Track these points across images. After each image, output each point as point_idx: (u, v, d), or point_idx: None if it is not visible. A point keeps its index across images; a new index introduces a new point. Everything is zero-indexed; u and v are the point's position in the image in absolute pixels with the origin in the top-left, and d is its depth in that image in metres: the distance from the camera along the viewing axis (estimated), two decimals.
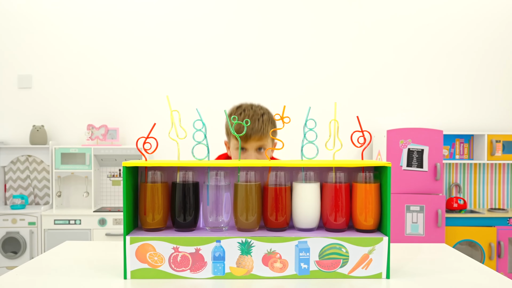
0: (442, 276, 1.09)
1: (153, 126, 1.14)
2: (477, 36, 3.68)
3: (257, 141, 1.49)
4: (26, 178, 3.62)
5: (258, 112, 1.53)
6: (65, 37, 3.66)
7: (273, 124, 1.55)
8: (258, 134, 1.47)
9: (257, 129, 1.48)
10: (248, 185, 1.13)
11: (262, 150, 1.51)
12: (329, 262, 1.07)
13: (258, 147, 1.50)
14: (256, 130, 1.48)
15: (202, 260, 1.06)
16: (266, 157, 1.48)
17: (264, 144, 1.51)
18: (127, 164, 1.08)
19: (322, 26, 3.68)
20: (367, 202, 1.12)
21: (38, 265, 1.19)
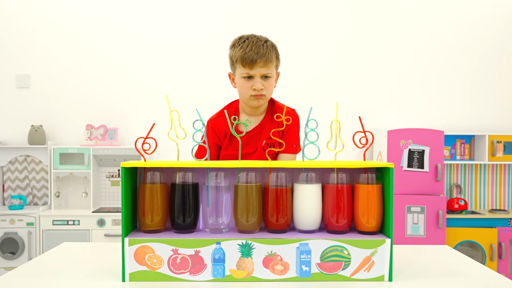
0: (445, 279, 1.08)
1: (152, 126, 1.13)
2: (479, 35, 3.67)
3: (262, 67, 1.45)
4: (24, 178, 3.60)
5: (261, 38, 1.50)
6: (63, 37, 3.65)
7: (277, 51, 1.53)
8: (263, 58, 1.44)
9: (262, 53, 1.44)
10: (248, 186, 1.11)
11: (268, 78, 1.48)
12: (330, 264, 1.06)
13: (264, 75, 1.47)
14: (261, 55, 1.44)
15: (202, 263, 1.05)
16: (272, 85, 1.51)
17: (269, 73, 1.47)
18: (126, 165, 1.06)
19: (323, 26, 3.67)
20: (369, 204, 1.11)
21: (35, 267, 1.18)
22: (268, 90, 1.49)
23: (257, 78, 1.46)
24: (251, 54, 1.44)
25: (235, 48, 1.49)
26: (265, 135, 1.56)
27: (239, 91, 1.53)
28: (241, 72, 1.48)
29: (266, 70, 1.46)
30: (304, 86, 3.65)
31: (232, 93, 1.81)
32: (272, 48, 1.49)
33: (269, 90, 1.49)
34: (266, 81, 1.48)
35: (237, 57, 1.47)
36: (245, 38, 1.50)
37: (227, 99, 1.72)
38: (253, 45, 1.46)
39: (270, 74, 1.48)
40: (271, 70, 1.48)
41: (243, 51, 1.45)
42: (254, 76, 1.46)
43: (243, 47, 1.46)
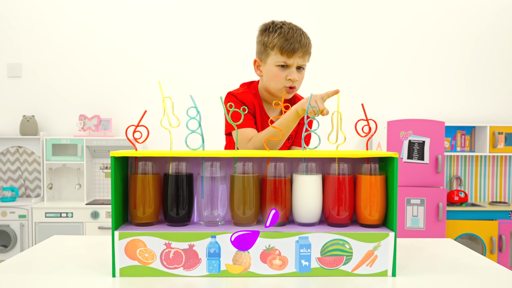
0: (450, 273, 1.04)
1: (143, 114, 1.07)
2: (480, 26, 3.63)
3: (301, 57, 1.39)
4: (16, 169, 3.54)
5: (298, 27, 1.42)
6: (56, 24, 3.57)
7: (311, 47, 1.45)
8: (304, 48, 1.38)
9: (304, 43, 1.37)
10: (245, 176, 1.06)
11: (302, 70, 1.42)
12: (331, 259, 1.01)
13: (300, 66, 1.41)
14: (303, 44, 1.37)
15: (196, 257, 1.00)
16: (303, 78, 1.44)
17: (304, 64, 1.42)
18: (116, 154, 1.01)
19: (323, 17, 3.61)
20: (372, 195, 1.06)
21: (21, 261, 1.13)
22: (300, 83, 1.44)
23: (293, 68, 1.39)
24: (293, 42, 1.36)
25: (272, 34, 1.39)
26: None
27: (269, 80, 1.44)
28: (276, 60, 1.39)
29: (303, 62, 1.40)
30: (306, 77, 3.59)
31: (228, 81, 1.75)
32: (310, 41, 1.43)
33: (300, 82, 1.44)
34: (299, 73, 1.42)
35: (275, 44, 1.38)
36: (281, 23, 1.42)
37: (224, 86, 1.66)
38: (294, 32, 1.38)
39: (304, 66, 1.43)
40: (306, 61, 1.42)
41: (284, 37, 1.37)
42: (290, 66, 1.39)
43: (283, 33, 1.37)
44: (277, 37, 1.37)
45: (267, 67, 1.44)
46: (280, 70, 1.40)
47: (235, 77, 3.33)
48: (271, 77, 1.42)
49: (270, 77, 1.43)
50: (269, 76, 1.43)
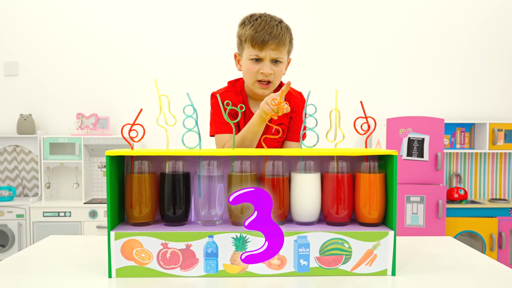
0: (451, 272, 1.03)
1: (139, 112, 1.05)
2: (479, 23, 3.61)
3: (274, 50, 1.32)
4: (14, 169, 3.52)
5: (275, 18, 1.36)
6: (53, 22, 3.54)
7: (291, 34, 1.39)
8: (275, 40, 1.31)
9: (275, 34, 1.31)
10: (243, 175, 1.05)
11: (278, 63, 1.36)
12: (330, 258, 1.00)
13: (274, 59, 1.34)
14: (274, 36, 1.30)
15: (194, 257, 0.99)
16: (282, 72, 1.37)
17: (280, 57, 1.34)
18: (111, 153, 0.99)
19: (322, 14, 3.59)
20: (371, 194, 1.05)
21: (18, 262, 1.12)
22: (277, 77, 1.36)
23: (266, 62, 1.33)
24: (262, 34, 1.31)
25: (245, 26, 1.36)
26: (274, 121, 1.45)
27: (244, 75, 1.40)
28: (249, 54, 1.35)
29: (277, 54, 1.33)
30: (303, 74, 3.58)
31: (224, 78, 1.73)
32: (286, 30, 1.35)
33: (277, 76, 1.36)
34: (276, 66, 1.35)
35: (246, 36, 1.34)
36: (257, 16, 1.36)
37: (221, 84, 1.64)
38: (266, 24, 1.32)
39: (281, 59, 1.35)
40: (282, 54, 1.35)
41: (254, 29, 1.32)
42: (263, 59, 1.34)
43: (255, 25, 1.33)
44: (249, 30, 1.34)
45: (243, 61, 1.40)
46: (253, 63, 1.35)
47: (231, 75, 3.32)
48: (245, 71, 1.39)
49: (244, 72, 1.40)
50: (244, 71, 1.40)
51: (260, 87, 1.36)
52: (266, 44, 1.31)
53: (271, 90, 1.39)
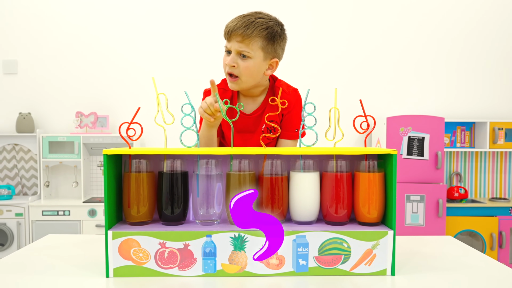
0: (450, 272, 1.03)
1: (137, 111, 1.04)
2: (480, 22, 3.60)
3: (239, 42, 1.27)
4: (13, 167, 3.51)
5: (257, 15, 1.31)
6: (52, 20, 3.53)
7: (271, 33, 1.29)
8: (239, 31, 1.25)
9: (240, 25, 1.26)
10: (241, 174, 1.04)
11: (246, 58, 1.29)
12: (329, 258, 1.00)
13: (241, 53, 1.29)
14: (239, 26, 1.26)
15: (192, 257, 0.98)
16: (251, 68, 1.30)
17: (246, 51, 1.28)
18: (109, 152, 0.98)
19: (322, 13, 3.58)
20: (371, 193, 1.04)
21: (15, 261, 1.11)
22: (243, 72, 1.30)
23: (233, 54, 1.30)
24: (230, 25, 1.29)
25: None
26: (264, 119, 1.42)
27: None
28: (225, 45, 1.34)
29: (243, 47, 1.27)
30: (302, 72, 3.57)
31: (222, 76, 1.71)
32: (259, 27, 1.27)
33: (244, 72, 1.30)
34: (242, 61, 1.30)
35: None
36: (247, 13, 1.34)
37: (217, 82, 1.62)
38: (242, 17, 1.30)
39: (248, 54, 1.28)
40: (249, 49, 1.28)
41: (230, 20, 1.32)
42: (231, 51, 1.31)
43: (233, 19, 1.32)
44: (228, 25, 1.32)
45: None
46: (225, 55, 1.33)
47: None
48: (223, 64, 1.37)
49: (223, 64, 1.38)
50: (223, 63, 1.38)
51: (230, 80, 1.34)
52: (231, 35, 1.28)
53: (241, 86, 1.35)
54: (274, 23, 1.32)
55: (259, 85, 1.39)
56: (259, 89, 1.42)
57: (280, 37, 1.33)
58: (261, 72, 1.33)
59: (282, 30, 1.35)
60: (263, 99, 1.43)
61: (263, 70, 1.34)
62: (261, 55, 1.30)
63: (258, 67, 1.31)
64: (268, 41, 1.29)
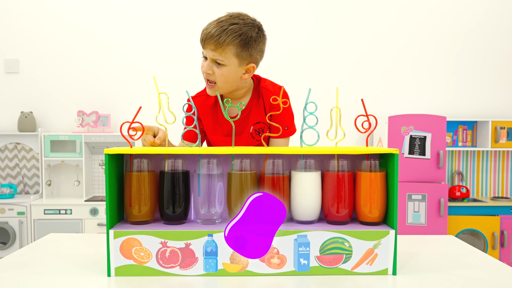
0: (452, 271, 1.02)
1: (138, 110, 1.04)
2: (482, 21, 3.58)
3: (213, 50, 1.25)
4: (14, 166, 3.52)
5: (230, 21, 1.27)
6: (53, 20, 3.53)
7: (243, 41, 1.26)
8: (212, 40, 1.24)
9: (212, 34, 1.24)
10: (243, 174, 1.04)
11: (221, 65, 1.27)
12: (330, 257, 0.99)
13: (215, 61, 1.27)
14: (211, 35, 1.24)
15: (193, 256, 0.98)
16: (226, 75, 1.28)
17: (220, 59, 1.26)
18: (110, 152, 0.98)
19: (323, 13, 3.57)
20: (372, 192, 1.04)
21: (17, 260, 1.11)
22: (219, 79, 1.29)
23: (208, 60, 1.29)
24: (204, 32, 1.27)
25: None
26: (252, 120, 1.40)
27: None
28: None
29: (216, 55, 1.25)
30: (303, 72, 3.56)
31: None
32: (231, 35, 1.24)
33: (220, 79, 1.29)
34: (217, 68, 1.28)
35: None
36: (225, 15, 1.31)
37: None
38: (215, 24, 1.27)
39: (221, 61, 1.26)
40: (223, 57, 1.25)
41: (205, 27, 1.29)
42: (207, 58, 1.30)
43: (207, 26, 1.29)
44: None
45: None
46: (203, 61, 1.32)
47: None
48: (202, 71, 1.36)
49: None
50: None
51: (207, 86, 1.34)
52: (205, 43, 1.27)
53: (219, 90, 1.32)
54: (249, 28, 1.28)
55: (239, 88, 1.37)
56: (241, 91, 1.39)
57: (255, 41, 1.29)
58: (237, 77, 1.31)
59: (258, 33, 1.30)
60: (248, 101, 1.41)
61: (239, 75, 1.31)
62: (236, 61, 1.27)
63: (233, 73, 1.29)
64: (242, 48, 1.26)
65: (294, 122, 1.45)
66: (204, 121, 1.44)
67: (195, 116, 1.03)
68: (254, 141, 1.42)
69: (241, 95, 1.41)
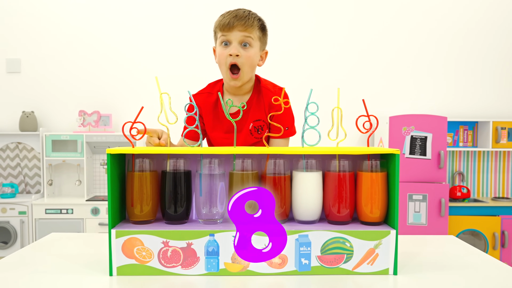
0: (452, 271, 1.03)
1: (140, 110, 1.05)
2: (483, 21, 3.58)
3: (241, 31, 1.32)
4: (16, 166, 3.52)
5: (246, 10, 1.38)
6: (55, 20, 3.54)
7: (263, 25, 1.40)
8: (242, 21, 1.31)
9: (240, 16, 1.32)
10: (244, 174, 1.04)
11: (248, 46, 1.35)
12: (331, 257, 1.00)
13: (243, 42, 1.34)
14: (239, 17, 1.32)
15: (195, 256, 0.99)
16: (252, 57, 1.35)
17: (249, 41, 1.34)
18: (112, 151, 0.99)
19: (323, 12, 3.57)
20: (373, 192, 1.04)
21: (19, 259, 1.12)
22: (245, 62, 1.33)
23: (235, 43, 1.33)
24: (229, 17, 1.33)
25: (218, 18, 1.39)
26: (251, 117, 1.42)
27: (218, 63, 1.40)
28: (220, 39, 1.36)
29: (246, 34, 1.33)
30: (305, 71, 3.57)
31: None
32: (255, 18, 1.36)
33: (246, 61, 1.34)
34: (244, 50, 1.33)
35: (216, 24, 1.37)
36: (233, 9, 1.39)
37: None
38: (233, 11, 1.35)
39: (250, 42, 1.34)
40: (251, 39, 1.34)
41: (222, 16, 1.36)
42: (231, 42, 1.34)
43: (224, 14, 1.36)
44: (218, 18, 1.37)
45: (216, 50, 1.40)
46: (223, 48, 1.35)
47: None
48: (218, 58, 1.38)
49: (218, 59, 1.39)
50: (217, 59, 1.39)
51: (231, 78, 1.35)
52: (233, 25, 1.32)
53: (243, 80, 1.36)
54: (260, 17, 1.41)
55: (251, 79, 1.42)
56: (249, 84, 1.43)
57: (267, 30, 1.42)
58: (256, 63, 1.39)
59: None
60: (248, 99, 1.44)
61: (257, 61, 1.39)
62: (258, 45, 1.37)
63: (256, 57, 1.37)
64: (261, 32, 1.38)
65: (294, 124, 1.48)
66: (205, 118, 1.46)
67: (196, 116, 1.04)
68: (253, 138, 1.44)
69: (247, 90, 1.43)
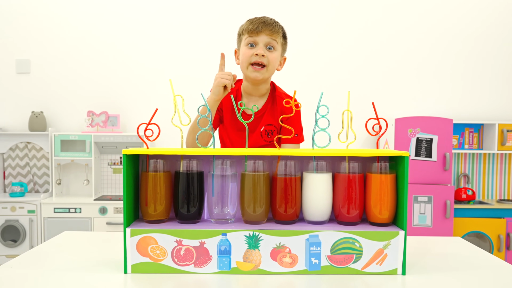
0: (459, 272, 1.04)
1: (155, 112, 1.07)
2: (489, 23, 3.58)
3: (268, 35, 1.44)
4: (25, 165, 3.56)
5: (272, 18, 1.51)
6: (64, 21, 3.57)
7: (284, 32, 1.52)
8: (269, 27, 1.43)
9: (268, 22, 1.45)
10: (256, 175, 1.06)
11: (272, 50, 1.46)
12: (341, 257, 1.01)
13: (268, 45, 1.45)
14: (267, 23, 1.44)
15: (207, 254, 1.01)
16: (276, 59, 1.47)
17: (274, 45, 1.45)
18: (128, 152, 1.01)
19: (333, 12, 3.59)
20: (382, 194, 1.06)
21: (34, 257, 1.14)
22: (271, 62, 1.45)
23: (261, 45, 1.44)
24: (257, 23, 1.44)
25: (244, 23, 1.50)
26: (264, 121, 1.52)
27: (240, 62, 1.50)
28: (245, 41, 1.46)
29: (272, 39, 1.44)
30: (311, 75, 3.58)
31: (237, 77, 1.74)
32: (279, 26, 1.48)
33: (271, 62, 1.45)
34: (270, 53, 1.45)
35: (243, 28, 1.48)
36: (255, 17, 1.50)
37: None
38: (261, 18, 1.47)
39: (274, 45, 1.45)
40: (276, 43, 1.45)
41: (250, 21, 1.47)
42: (258, 44, 1.45)
43: (251, 20, 1.47)
44: (246, 23, 1.48)
45: (240, 51, 1.50)
46: (248, 49, 1.46)
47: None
48: (241, 57, 1.48)
49: (241, 59, 1.49)
50: (240, 60, 1.49)
51: (253, 70, 1.45)
52: (261, 30, 1.43)
53: (264, 75, 1.46)
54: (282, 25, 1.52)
55: (268, 81, 1.52)
56: (266, 86, 1.53)
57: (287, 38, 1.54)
58: (277, 65, 1.50)
59: None
60: (264, 102, 1.53)
61: (278, 65, 1.50)
62: (280, 50, 1.49)
63: (278, 60, 1.49)
64: (283, 39, 1.51)
65: (302, 133, 1.59)
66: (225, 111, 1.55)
67: (209, 118, 1.06)
68: (262, 140, 1.52)
69: (263, 92, 1.54)
